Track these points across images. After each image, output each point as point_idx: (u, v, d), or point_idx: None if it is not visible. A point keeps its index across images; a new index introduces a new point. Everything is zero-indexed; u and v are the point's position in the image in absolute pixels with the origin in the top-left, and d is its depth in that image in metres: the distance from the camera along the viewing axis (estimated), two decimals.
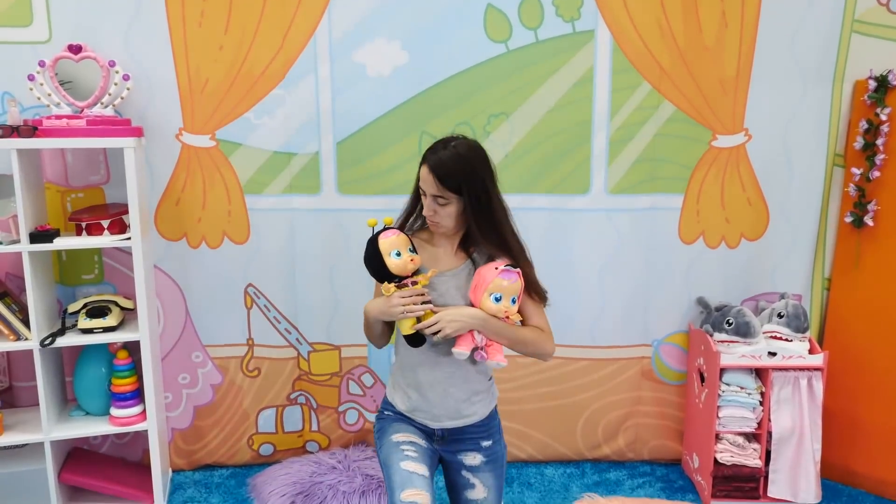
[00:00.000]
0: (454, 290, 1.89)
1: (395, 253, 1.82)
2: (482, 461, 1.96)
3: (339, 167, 2.66)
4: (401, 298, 1.80)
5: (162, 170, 2.63)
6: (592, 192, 2.70)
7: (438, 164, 1.78)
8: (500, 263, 1.81)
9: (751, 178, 2.72)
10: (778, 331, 2.55)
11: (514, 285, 1.80)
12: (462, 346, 1.84)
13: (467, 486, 1.95)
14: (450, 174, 1.77)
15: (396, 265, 1.82)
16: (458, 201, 1.80)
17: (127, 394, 2.51)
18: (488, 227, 1.82)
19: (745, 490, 2.57)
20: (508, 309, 1.82)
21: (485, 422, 1.96)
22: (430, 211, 1.81)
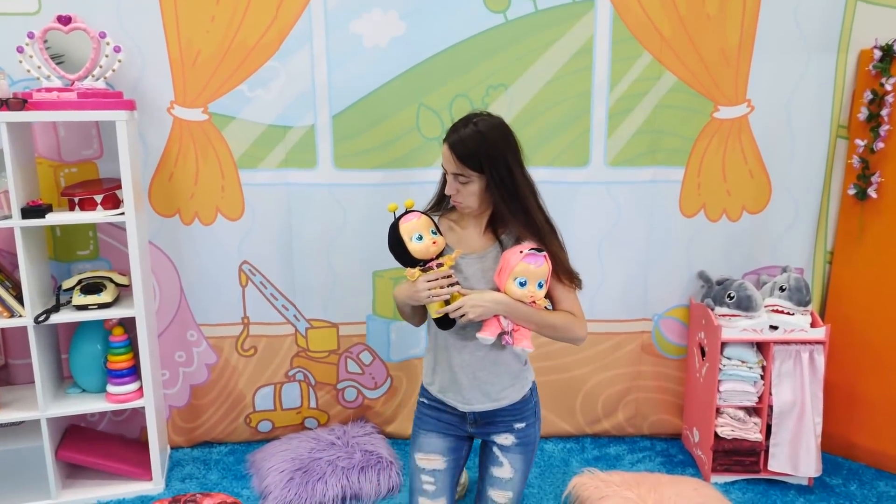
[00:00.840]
0: (480, 273, 1.90)
1: (416, 237, 1.83)
2: (514, 442, 2.00)
3: (336, 141, 2.61)
4: (426, 282, 1.82)
5: (154, 144, 2.58)
6: (592, 165, 2.66)
7: (458, 143, 1.78)
8: (526, 246, 1.80)
9: (753, 150, 2.68)
10: (779, 304, 2.52)
11: (539, 269, 1.77)
12: (487, 331, 1.84)
13: (495, 463, 2.02)
14: (469, 151, 1.77)
15: (418, 249, 1.82)
16: (480, 179, 1.80)
17: (123, 371, 2.49)
18: (514, 204, 1.81)
19: (746, 464, 2.55)
20: (534, 294, 1.79)
21: (517, 405, 1.99)
22: (453, 190, 1.82)
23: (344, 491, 2.46)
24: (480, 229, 1.92)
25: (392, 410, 2.90)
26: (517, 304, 1.81)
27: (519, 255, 1.78)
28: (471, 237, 1.92)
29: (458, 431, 2.06)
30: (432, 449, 2.05)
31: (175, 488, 2.57)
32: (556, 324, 1.87)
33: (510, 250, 1.84)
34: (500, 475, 2.01)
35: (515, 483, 2.02)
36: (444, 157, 1.83)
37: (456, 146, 1.78)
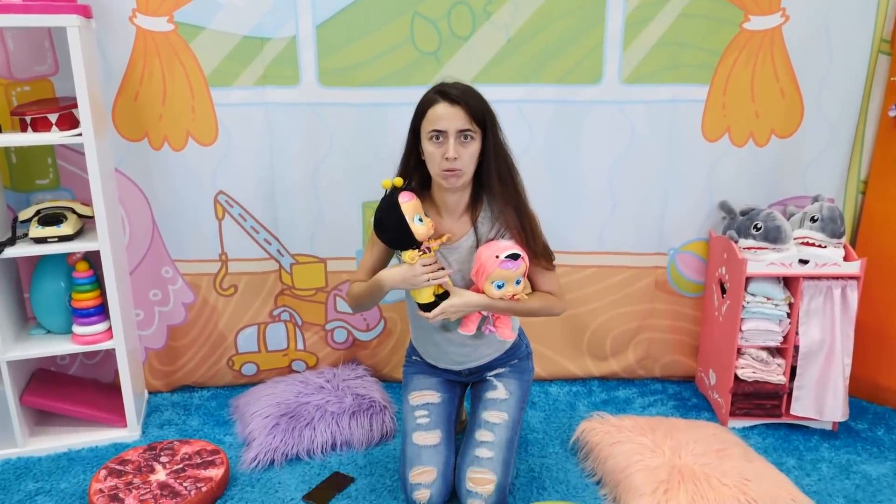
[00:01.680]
0: (454, 265, 1.90)
1: (417, 218, 1.77)
2: (507, 370, 2.05)
3: (320, 54, 2.33)
4: (423, 267, 1.80)
5: (117, 59, 2.30)
6: (605, 82, 2.39)
7: (462, 95, 1.73)
8: (502, 250, 1.78)
9: (786, 67, 2.40)
10: (811, 236, 2.29)
11: (516, 272, 1.79)
12: (467, 326, 1.90)
13: (489, 388, 2.02)
14: (478, 102, 1.74)
15: (421, 231, 1.77)
16: (480, 139, 1.77)
17: (89, 310, 2.27)
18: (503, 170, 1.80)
19: (767, 408, 2.37)
20: (514, 290, 1.83)
21: (510, 351, 2.05)
22: (453, 154, 1.73)
23: (334, 437, 2.28)
24: (455, 215, 1.89)
25: (386, 353, 2.71)
26: (496, 301, 1.85)
27: (495, 260, 1.77)
28: (444, 223, 1.90)
29: (452, 377, 2.10)
30: (426, 386, 2.06)
31: (152, 435, 2.39)
32: (536, 309, 1.92)
33: (486, 248, 1.83)
34: (495, 396, 1.99)
35: (511, 405, 1.98)
36: (442, 116, 1.73)
37: (462, 98, 1.73)
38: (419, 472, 1.88)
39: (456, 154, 1.73)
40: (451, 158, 1.73)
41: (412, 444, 1.94)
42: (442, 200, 1.88)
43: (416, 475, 1.88)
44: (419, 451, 1.92)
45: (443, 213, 1.90)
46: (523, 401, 2.04)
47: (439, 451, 1.92)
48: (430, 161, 1.79)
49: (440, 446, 1.93)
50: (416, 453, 1.92)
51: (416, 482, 1.86)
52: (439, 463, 1.90)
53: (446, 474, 1.89)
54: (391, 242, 1.84)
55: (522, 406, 2.04)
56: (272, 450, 2.20)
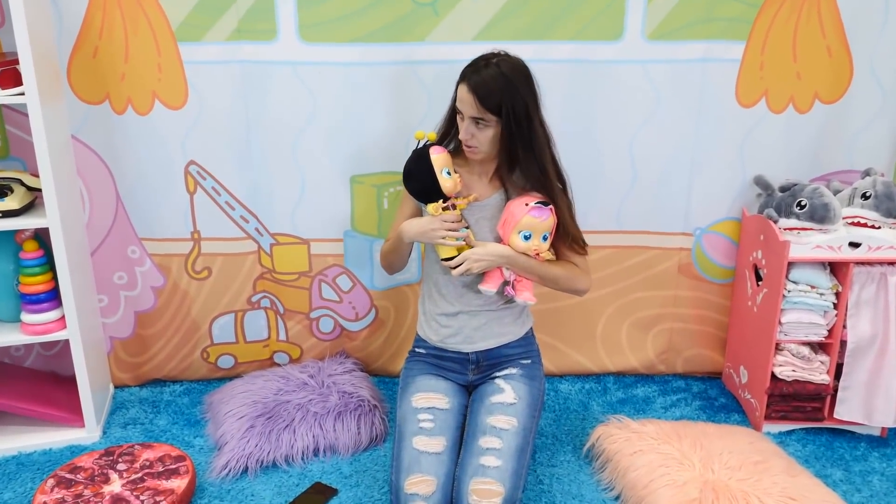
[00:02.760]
0: (483, 221, 1.85)
1: (446, 171, 1.77)
2: (518, 373, 1.89)
3: (300, 4, 2.05)
4: (444, 223, 1.76)
5: (72, 11, 2.02)
6: (626, 38, 2.10)
7: (480, 84, 1.69)
8: (532, 199, 1.76)
9: (834, 21, 2.10)
10: (863, 215, 2.01)
11: (545, 223, 1.76)
12: (489, 283, 1.82)
13: (494, 392, 1.85)
14: (491, 94, 1.69)
15: (448, 185, 1.76)
16: (498, 124, 1.73)
17: (40, 295, 2.02)
18: (527, 155, 1.76)
19: (807, 411, 2.10)
20: (538, 247, 1.78)
21: (521, 342, 1.93)
22: (467, 134, 1.75)
23: (316, 441, 2.02)
24: (487, 176, 1.87)
25: (377, 345, 2.44)
26: (520, 256, 1.78)
27: (524, 207, 1.75)
28: (475, 183, 1.87)
29: (459, 379, 1.92)
30: (432, 388, 1.87)
31: (114, 436, 2.14)
32: (559, 276, 1.85)
33: (515, 201, 1.80)
34: (501, 400, 1.81)
35: (520, 411, 1.79)
36: (462, 98, 1.73)
37: (478, 88, 1.69)
38: (416, 481, 1.63)
39: (468, 135, 1.75)
40: (465, 138, 1.76)
41: (411, 449, 1.70)
42: (473, 162, 1.87)
43: (412, 483, 1.63)
44: (419, 456, 1.68)
45: (475, 172, 1.88)
46: (535, 408, 1.83)
47: (442, 461, 1.68)
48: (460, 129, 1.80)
49: (443, 455, 1.70)
50: (415, 459, 1.67)
51: (413, 492, 1.62)
52: (441, 474, 1.65)
53: (447, 489, 1.64)
54: (417, 193, 1.82)
55: (534, 414, 1.82)
56: (245, 456, 1.94)
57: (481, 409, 1.80)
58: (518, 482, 1.64)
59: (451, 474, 1.68)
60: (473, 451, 1.69)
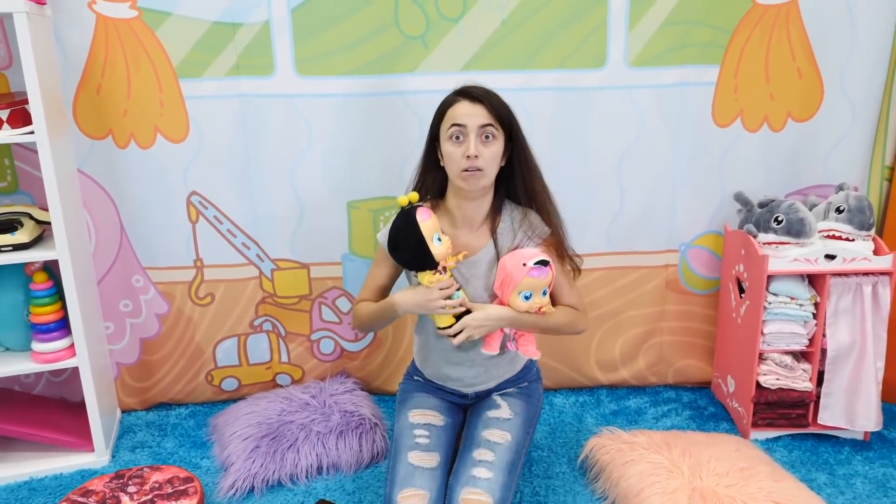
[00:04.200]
0: (475, 280, 1.79)
1: (436, 238, 1.68)
2: (515, 391, 1.91)
3: (297, 40, 2.14)
4: (440, 291, 1.70)
5: (76, 50, 2.11)
6: (609, 66, 2.20)
7: (485, 95, 1.69)
8: (529, 257, 1.69)
9: (803, 44, 2.21)
10: (837, 228, 2.10)
11: (544, 280, 1.70)
12: (490, 344, 1.77)
13: (492, 407, 1.87)
14: (500, 101, 1.70)
15: (440, 252, 1.68)
16: (503, 140, 1.70)
17: (49, 325, 2.09)
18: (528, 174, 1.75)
19: (791, 417, 2.18)
20: (540, 303, 1.72)
21: (521, 373, 1.94)
22: (474, 151, 1.65)
23: (319, 460, 2.08)
24: (474, 227, 1.80)
25: (377, 364, 2.51)
26: (523, 316, 1.74)
27: (522, 268, 1.68)
28: (462, 237, 1.80)
29: (457, 400, 1.95)
30: (429, 406, 1.90)
31: (123, 460, 2.20)
32: (561, 325, 1.82)
33: (510, 259, 1.73)
34: (498, 415, 1.84)
35: (515, 426, 1.81)
36: (465, 113, 1.68)
37: (486, 97, 1.69)
38: (409, 495, 1.66)
39: (476, 151, 1.65)
40: (471, 156, 1.65)
41: (406, 463, 1.73)
42: (459, 210, 1.79)
43: (405, 497, 1.66)
44: (413, 471, 1.71)
45: (459, 225, 1.80)
46: (529, 424, 1.86)
47: (435, 476, 1.72)
48: (450, 162, 1.71)
49: (437, 471, 1.73)
50: (410, 473, 1.71)
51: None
52: (433, 488, 1.69)
53: (439, 502, 1.69)
54: (408, 264, 1.76)
55: (529, 431, 1.85)
56: (251, 476, 2.00)
57: (478, 422, 1.84)
58: (507, 494, 1.68)
59: (443, 489, 1.71)
60: (467, 463, 1.74)
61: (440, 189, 1.83)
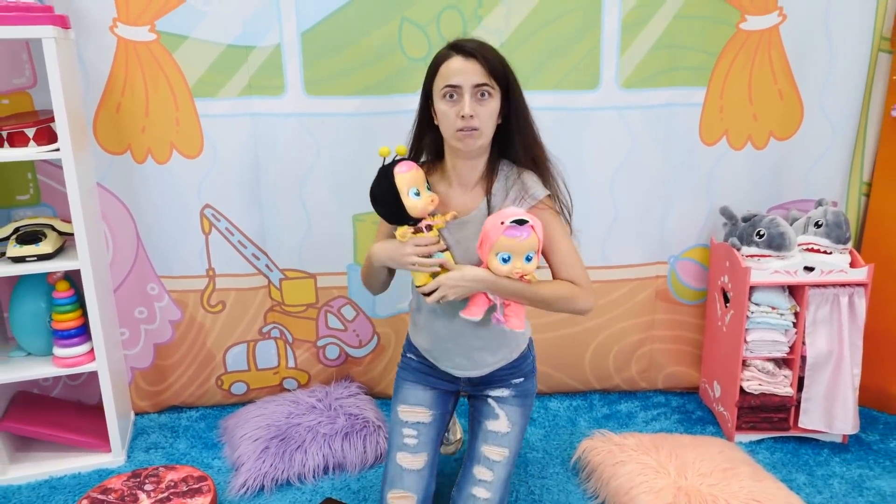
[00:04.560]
0: (466, 241, 1.70)
1: (413, 192, 1.60)
2: (511, 395, 1.86)
3: (306, 62, 2.26)
4: (415, 247, 1.63)
5: (97, 70, 2.23)
6: (602, 87, 2.32)
7: (479, 49, 1.60)
8: (508, 216, 1.57)
9: (783, 67, 2.34)
10: (816, 242, 2.22)
11: (524, 243, 1.56)
12: (472, 309, 1.66)
13: (490, 416, 1.86)
14: (496, 57, 1.61)
15: (416, 206, 1.60)
16: (499, 97, 1.62)
17: (70, 331, 2.19)
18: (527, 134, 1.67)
19: (774, 421, 2.29)
20: (522, 269, 1.58)
21: (516, 363, 1.86)
22: (469, 111, 1.57)
23: (326, 460, 2.19)
24: (468, 186, 1.71)
25: (380, 370, 2.62)
26: (501, 280, 1.61)
27: (500, 226, 1.55)
28: (455, 197, 1.72)
29: (448, 386, 1.92)
30: (417, 401, 1.89)
31: (138, 460, 2.31)
32: (551, 298, 1.66)
33: (491, 217, 1.62)
34: (497, 429, 1.84)
35: (512, 439, 1.84)
36: (457, 70, 1.58)
37: (479, 51, 1.58)
38: (398, 496, 1.79)
39: (472, 111, 1.56)
40: (466, 116, 1.56)
41: (395, 464, 1.84)
42: (455, 170, 1.71)
43: (394, 497, 1.79)
44: (402, 473, 1.82)
45: (455, 184, 1.72)
46: (524, 428, 1.91)
47: (422, 477, 1.82)
48: (444, 121, 1.62)
49: (423, 471, 1.83)
50: (399, 475, 1.82)
51: None
52: (419, 490, 1.80)
53: (426, 501, 1.81)
54: (385, 217, 1.69)
55: (523, 434, 1.91)
56: (262, 475, 2.11)
57: (479, 432, 1.86)
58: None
59: (430, 486, 1.82)
60: (468, 479, 1.81)
61: (438, 149, 1.76)
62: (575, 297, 1.67)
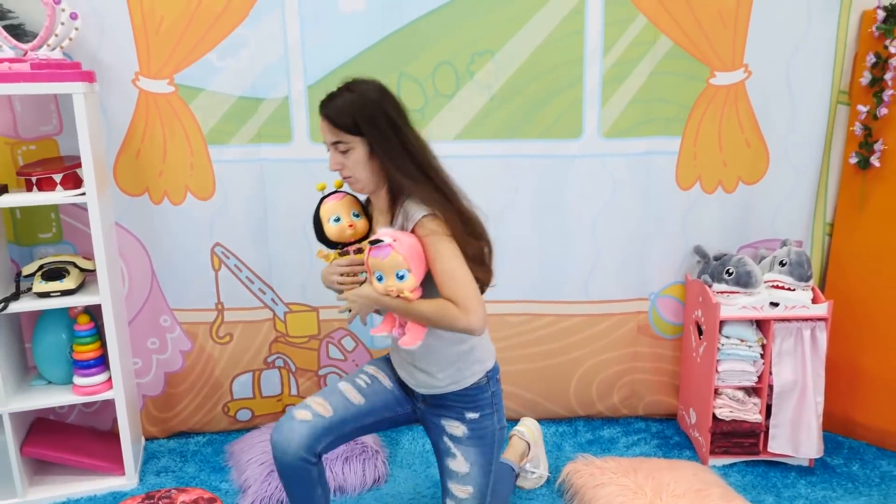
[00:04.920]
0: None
1: (333, 219, 1.78)
2: (465, 433, 1.83)
3: (312, 113, 2.46)
4: (338, 267, 1.78)
5: (119, 119, 2.42)
6: (585, 137, 2.53)
7: (328, 106, 1.69)
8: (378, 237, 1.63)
9: (750, 118, 2.55)
10: (780, 280, 2.41)
11: (385, 262, 1.61)
12: (381, 325, 1.75)
13: (448, 454, 1.86)
14: (342, 113, 1.67)
15: (333, 232, 1.78)
16: (363, 144, 1.68)
17: (90, 361, 2.35)
18: (404, 161, 1.68)
19: (745, 446, 2.46)
20: (397, 287, 1.63)
21: (469, 392, 1.82)
22: (337, 165, 1.72)
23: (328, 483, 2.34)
24: (385, 213, 1.79)
25: None
26: (384, 298, 1.66)
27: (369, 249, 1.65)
28: (380, 223, 1.81)
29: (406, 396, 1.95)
30: (385, 373, 1.94)
31: (150, 483, 2.45)
32: (429, 315, 1.65)
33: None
34: (456, 469, 1.83)
35: (474, 477, 1.82)
36: (321, 130, 1.72)
37: (330, 112, 1.68)
38: (319, 402, 1.79)
39: (336, 165, 1.71)
40: (332, 169, 1.73)
41: (335, 386, 1.86)
42: (374, 201, 1.84)
43: (315, 403, 1.79)
44: (335, 391, 1.83)
45: (377, 212, 1.83)
46: (489, 463, 1.85)
47: (347, 408, 1.80)
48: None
49: (353, 407, 1.81)
50: (331, 391, 1.83)
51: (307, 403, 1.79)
52: (338, 412, 1.78)
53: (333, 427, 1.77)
54: (319, 241, 1.85)
55: (489, 469, 1.85)
56: (268, 497, 2.26)
57: (442, 467, 1.87)
58: None
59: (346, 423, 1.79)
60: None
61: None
62: (452, 316, 1.62)
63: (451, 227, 1.65)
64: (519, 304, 2.66)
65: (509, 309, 2.67)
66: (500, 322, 2.67)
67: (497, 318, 2.66)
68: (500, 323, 2.67)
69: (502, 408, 1.90)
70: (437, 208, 1.65)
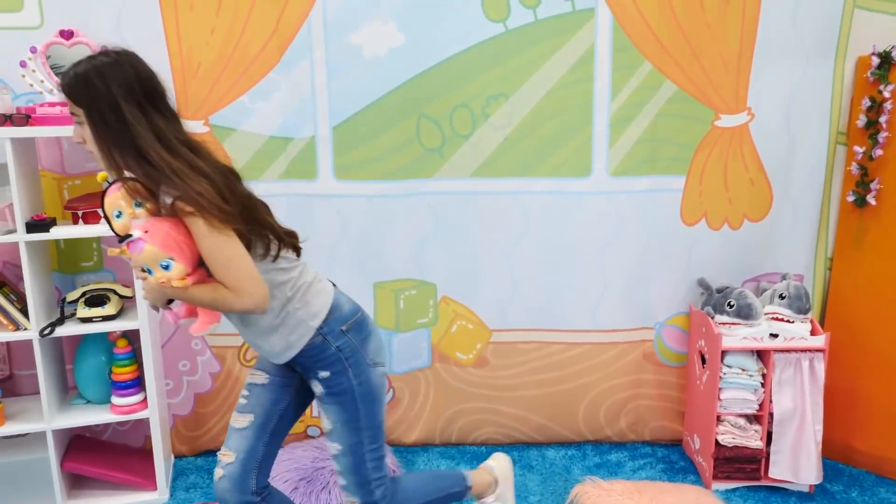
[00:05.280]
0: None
1: (116, 214, 1.64)
2: (322, 391, 1.80)
3: (336, 152, 2.63)
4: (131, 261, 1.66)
5: None
6: (594, 175, 2.67)
7: (65, 76, 1.59)
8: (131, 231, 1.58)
9: (753, 158, 2.68)
10: (779, 312, 2.53)
11: (142, 256, 1.56)
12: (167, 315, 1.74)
13: (321, 414, 1.86)
14: (71, 82, 1.57)
15: (119, 228, 1.64)
16: (88, 117, 1.58)
17: (128, 382, 2.50)
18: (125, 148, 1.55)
19: (747, 471, 2.57)
20: (164, 277, 1.57)
21: (310, 352, 1.76)
22: (78, 137, 1.62)
23: None
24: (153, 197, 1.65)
25: (395, 420, 2.91)
26: (160, 287, 1.60)
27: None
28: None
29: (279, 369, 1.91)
30: (260, 366, 1.91)
31: (180, 498, 2.59)
32: (205, 300, 1.62)
33: None
34: (324, 426, 1.84)
35: (339, 434, 1.80)
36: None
37: (64, 77, 1.59)
38: (222, 454, 1.84)
39: (76, 136, 1.63)
40: (74, 141, 1.65)
41: (230, 423, 1.88)
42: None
43: (221, 455, 1.84)
44: (230, 431, 1.86)
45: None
46: (356, 420, 1.79)
47: (244, 437, 1.82)
48: None
49: (246, 431, 1.82)
50: (229, 433, 1.86)
51: (217, 457, 1.85)
52: (240, 449, 1.81)
53: (246, 463, 1.80)
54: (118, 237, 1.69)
55: (357, 426, 1.80)
56: None
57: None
58: (367, 487, 1.81)
59: (256, 448, 1.82)
60: None
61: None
62: (226, 300, 1.59)
63: (207, 206, 1.53)
64: (530, 333, 2.80)
65: (521, 337, 2.80)
66: (512, 349, 2.81)
67: (508, 346, 2.80)
68: (512, 350, 2.81)
69: (361, 362, 1.79)
70: (189, 189, 1.53)
